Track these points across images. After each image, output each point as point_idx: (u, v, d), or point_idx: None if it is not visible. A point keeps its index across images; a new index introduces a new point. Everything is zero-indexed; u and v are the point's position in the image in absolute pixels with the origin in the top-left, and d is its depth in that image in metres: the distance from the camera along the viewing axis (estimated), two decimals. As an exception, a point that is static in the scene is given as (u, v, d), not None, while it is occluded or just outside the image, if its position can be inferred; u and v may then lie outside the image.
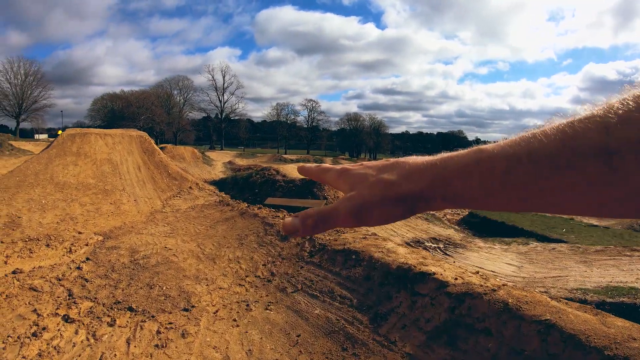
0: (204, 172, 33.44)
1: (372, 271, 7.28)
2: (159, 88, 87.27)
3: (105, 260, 9.71)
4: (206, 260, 9.06)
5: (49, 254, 10.81)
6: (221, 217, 12.65)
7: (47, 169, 16.19)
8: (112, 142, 18.92)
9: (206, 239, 10.62)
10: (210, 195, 16.78)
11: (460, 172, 0.61)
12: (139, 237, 11.32)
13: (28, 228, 12.12)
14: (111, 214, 13.73)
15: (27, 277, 9.05)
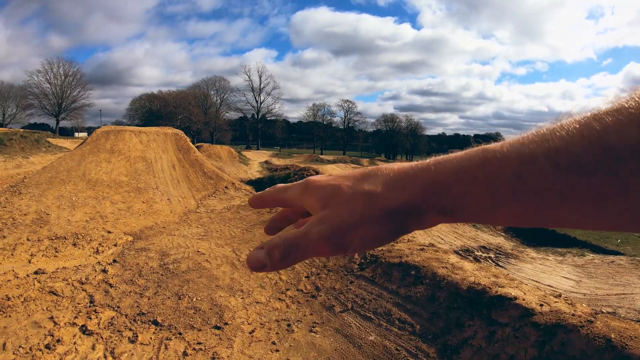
0: (240, 172, 32.80)
1: (437, 291, 6.16)
2: (196, 88, 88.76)
3: (132, 263, 8.93)
4: (242, 268, 8.11)
5: (75, 254, 10.15)
6: (258, 219, 11.73)
7: (80, 165, 15.74)
8: (146, 139, 18.40)
9: (242, 243, 9.70)
10: (247, 195, 15.93)
11: (460, 176, 0.50)
12: (170, 238, 10.52)
13: (56, 226, 11.55)
14: (143, 213, 13.05)
15: (49, 279, 8.36)
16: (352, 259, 7.49)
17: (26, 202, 12.95)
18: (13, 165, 22.02)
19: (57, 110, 70.32)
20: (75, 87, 72.41)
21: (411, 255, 7.13)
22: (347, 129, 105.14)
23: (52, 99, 69.92)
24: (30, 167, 21.25)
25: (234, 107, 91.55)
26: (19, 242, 10.58)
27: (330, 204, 0.58)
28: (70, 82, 71.60)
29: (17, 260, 9.86)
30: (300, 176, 20.39)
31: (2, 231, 11.20)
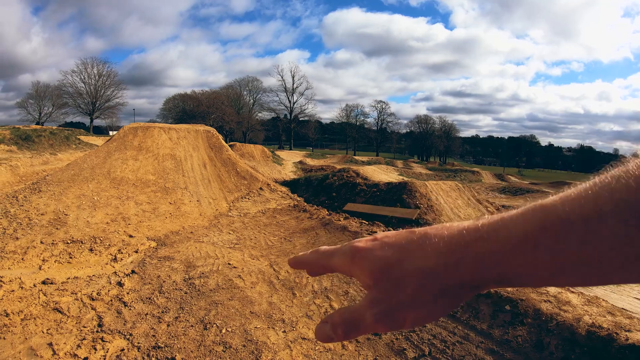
0: (274, 172, 31.60)
1: (545, 336, 4.64)
2: (229, 89, 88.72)
3: (153, 275, 7.67)
4: (282, 289, 6.71)
5: (91, 261, 8.99)
6: (298, 226, 10.34)
7: (105, 163, 14.73)
8: (176, 136, 17.31)
9: (281, 255, 8.30)
10: (283, 197, 14.59)
11: (519, 244, 0.46)
12: (198, 246, 9.25)
13: (73, 227, 10.47)
14: (169, 216, 11.86)
15: (57, 292, 7.20)
16: None
17: (45, 200, 11.96)
18: (40, 162, 21.41)
19: (91, 109, 71.75)
20: (109, 86, 73.89)
21: None
22: (380, 130, 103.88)
23: (86, 98, 71.56)
24: (57, 164, 20.56)
25: (267, 107, 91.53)
26: (31, 244, 9.53)
27: (382, 282, 0.56)
28: (104, 82, 73.11)
29: (27, 265, 8.80)
30: (340, 178, 18.93)
31: (16, 232, 10.20)
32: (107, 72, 73.26)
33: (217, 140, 18.12)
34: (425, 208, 14.84)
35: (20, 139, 24.09)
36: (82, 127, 67.79)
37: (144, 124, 18.30)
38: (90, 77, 71.67)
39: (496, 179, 46.70)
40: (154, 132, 17.02)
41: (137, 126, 17.60)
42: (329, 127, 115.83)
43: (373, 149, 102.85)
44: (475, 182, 38.78)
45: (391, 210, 14.67)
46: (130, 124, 18.46)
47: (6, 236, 10.00)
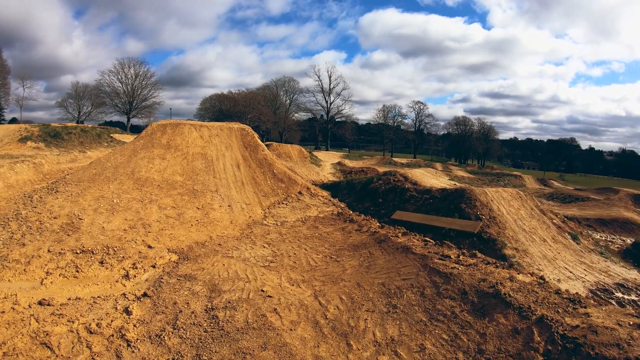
0: (312, 173, 30.03)
1: None
2: (265, 89, 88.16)
3: (169, 300, 6.23)
4: (332, 334, 5.04)
5: (99, 276, 7.68)
6: (345, 240, 8.71)
7: (130, 162, 13.53)
8: (208, 134, 15.97)
9: (328, 282, 6.64)
10: (325, 204, 12.99)
11: None
12: (226, 262, 7.77)
13: (86, 234, 9.22)
14: (196, 223, 10.48)
15: (51, 318, 5.90)
16: (531, 341, 4.23)
17: (60, 202, 10.81)
18: (67, 160, 20.58)
19: (128, 108, 72.54)
20: (146, 86, 74.50)
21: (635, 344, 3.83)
22: (418, 131, 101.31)
23: (123, 97, 72.33)
24: (85, 162, 19.67)
25: (304, 107, 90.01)
26: (37, 253, 8.33)
27: None
28: (140, 82, 73.79)
29: (28, 277, 7.62)
30: (386, 182, 17.18)
31: (24, 237, 9.07)
32: (144, 72, 74.32)
33: (252, 138, 16.71)
34: (488, 220, 12.97)
35: (49, 136, 23.44)
36: (121, 126, 68.63)
37: (174, 121, 17.08)
38: (127, 77, 72.69)
39: (539, 183, 44.33)
40: (184, 130, 15.76)
41: (166, 123, 16.39)
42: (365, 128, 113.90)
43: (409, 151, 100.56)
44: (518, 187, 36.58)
45: (448, 221, 12.87)
46: (160, 121, 17.31)
47: (13, 242, 8.87)
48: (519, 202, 15.94)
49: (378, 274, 6.54)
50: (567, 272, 10.88)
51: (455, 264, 6.31)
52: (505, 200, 15.19)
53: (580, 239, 14.39)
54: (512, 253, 10.72)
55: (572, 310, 4.63)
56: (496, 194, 15.17)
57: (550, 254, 11.76)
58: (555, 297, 5.00)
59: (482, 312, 4.88)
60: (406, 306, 5.33)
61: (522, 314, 4.59)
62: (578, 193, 31.45)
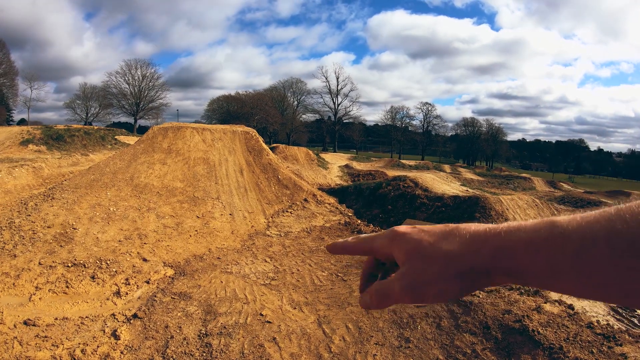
0: (319, 176, 29.48)
1: None
2: (272, 90, 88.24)
3: (161, 323, 5.81)
4: None
5: (90, 293, 7.30)
6: (353, 256, 8.27)
7: (129, 167, 13.16)
8: (211, 138, 15.56)
9: (333, 306, 6.13)
10: (332, 212, 12.51)
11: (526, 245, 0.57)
12: (224, 279, 7.35)
13: (79, 246, 8.85)
14: (195, 234, 10.07)
15: (35, 341, 5.53)
16: None
17: (55, 210, 10.46)
18: (69, 163, 20.29)
19: (135, 109, 73.06)
20: (153, 87, 75.17)
21: None
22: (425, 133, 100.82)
23: (130, 98, 73.04)
24: (87, 165, 19.37)
25: (311, 108, 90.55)
26: (28, 266, 7.99)
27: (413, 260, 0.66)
28: (147, 83, 74.50)
29: (17, 292, 7.27)
30: (395, 187, 16.65)
31: (15, 248, 8.75)
32: (151, 73, 75.04)
33: (256, 142, 16.28)
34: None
35: (51, 139, 23.20)
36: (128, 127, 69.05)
37: (176, 124, 16.70)
38: (135, 79, 73.45)
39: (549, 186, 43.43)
40: (185, 133, 15.37)
41: (167, 126, 16.01)
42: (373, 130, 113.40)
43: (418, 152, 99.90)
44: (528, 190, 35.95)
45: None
46: (162, 124, 16.96)
47: (4, 253, 8.54)
48: (535, 210, 15.42)
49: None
50: None
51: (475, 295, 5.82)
52: (521, 209, 14.67)
53: None
54: None
55: (607, 350, 4.14)
56: (512, 202, 14.64)
57: None
58: (588, 333, 4.49)
59: (508, 351, 4.32)
60: (420, 340, 4.80)
61: (553, 355, 4.07)
62: (589, 197, 30.79)
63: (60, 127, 25.97)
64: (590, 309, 8.95)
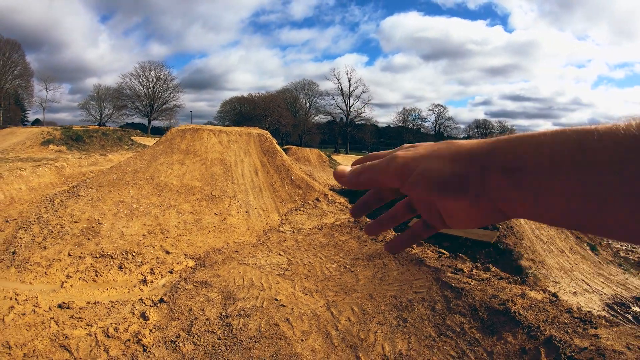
0: (331, 178, 30.22)
1: None
2: (285, 92, 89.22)
3: (185, 307, 6.43)
4: (342, 345, 5.18)
5: (118, 281, 7.94)
6: (360, 250, 8.82)
7: (150, 167, 13.89)
8: (227, 140, 16.27)
9: (341, 292, 6.76)
10: (342, 211, 13.10)
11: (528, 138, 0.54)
12: (241, 270, 7.96)
13: (106, 239, 9.52)
14: (213, 229, 10.71)
15: (70, 321, 6.14)
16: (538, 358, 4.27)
17: (81, 206, 11.16)
18: (88, 163, 21.16)
19: (149, 110, 74.82)
20: (167, 89, 76.87)
21: None
22: (438, 135, 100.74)
23: (144, 100, 74.88)
24: (106, 165, 20.17)
25: (323, 110, 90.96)
26: (58, 257, 8.64)
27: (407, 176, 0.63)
28: (161, 85, 76.20)
29: (49, 280, 7.90)
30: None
31: (45, 240, 9.41)
32: (165, 75, 76.59)
33: (270, 144, 16.95)
34: (505, 229, 12.94)
35: (71, 139, 24.15)
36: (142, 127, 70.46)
37: (193, 126, 17.46)
38: (149, 80, 75.06)
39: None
40: (203, 135, 16.09)
41: (185, 128, 16.77)
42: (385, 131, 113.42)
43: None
44: None
45: (466, 230, 12.91)
46: (179, 126, 17.72)
47: (34, 245, 9.22)
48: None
49: (391, 285, 6.64)
50: (584, 285, 10.89)
51: (467, 278, 6.37)
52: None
53: (599, 249, 14.30)
54: (528, 264, 10.72)
55: (582, 331, 4.66)
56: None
57: (567, 266, 11.72)
58: (566, 317, 5.02)
59: (491, 329, 4.92)
60: (416, 320, 5.41)
61: (530, 333, 4.63)
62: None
63: (79, 128, 26.97)
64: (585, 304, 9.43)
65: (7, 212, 11.42)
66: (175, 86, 77.68)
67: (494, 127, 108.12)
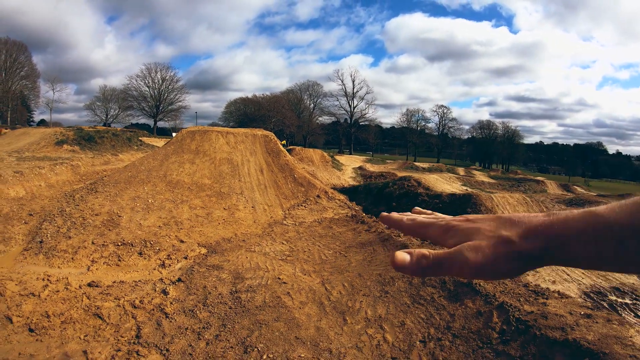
0: (333, 177, 31.18)
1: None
2: (289, 93, 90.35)
3: (200, 285, 7.44)
4: (332, 312, 6.24)
5: (139, 265, 8.95)
6: (355, 239, 9.84)
7: (162, 166, 14.95)
8: (234, 140, 17.36)
9: (334, 272, 7.83)
10: (341, 206, 14.13)
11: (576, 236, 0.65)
12: (248, 256, 8.97)
13: (125, 230, 10.53)
14: (222, 222, 11.73)
15: (100, 295, 7.13)
16: (490, 322, 5.28)
17: (100, 201, 12.19)
18: (101, 162, 22.22)
19: (154, 111, 75.90)
20: (172, 90, 77.91)
21: (578, 329, 4.78)
22: (441, 136, 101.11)
23: (150, 101, 75.85)
24: (118, 164, 21.24)
25: (327, 111, 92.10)
26: (83, 245, 9.65)
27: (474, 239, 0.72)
28: (167, 86, 77.24)
29: (76, 265, 8.90)
30: (400, 187, 18.26)
31: (69, 231, 10.41)
32: (170, 76, 77.57)
33: (275, 145, 18.00)
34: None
35: (84, 140, 25.21)
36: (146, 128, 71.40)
37: (202, 128, 18.53)
38: (154, 82, 76.20)
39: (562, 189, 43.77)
40: (211, 136, 17.14)
41: (195, 130, 17.83)
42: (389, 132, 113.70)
43: (434, 155, 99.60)
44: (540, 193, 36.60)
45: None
46: (188, 128, 18.79)
47: (59, 235, 10.22)
48: (525, 207, 16.83)
49: (377, 266, 7.70)
50: (564, 275, 11.65)
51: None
52: (511, 206, 16.10)
53: None
54: None
55: (533, 300, 5.63)
56: (502, 199, 16.10)
57: None
58: (522, 289, 6.03)
59: (456, 298, 5.96)
60: (396, 292, 6.47)
61: (487, 300, 5.64)
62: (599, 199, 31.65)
63: (91, 129, 28.07)
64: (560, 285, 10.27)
65: (30, 207, 12.38)
66: (181, 87, 78.71)
67: (497, 128, 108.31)
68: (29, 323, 6.13)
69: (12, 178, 13.73)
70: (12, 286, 7.30)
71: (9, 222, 10.87)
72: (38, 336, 5.86)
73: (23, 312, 6.42)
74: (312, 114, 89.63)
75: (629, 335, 4.71)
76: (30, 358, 5.31)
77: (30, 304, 6.71)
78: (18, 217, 11.29)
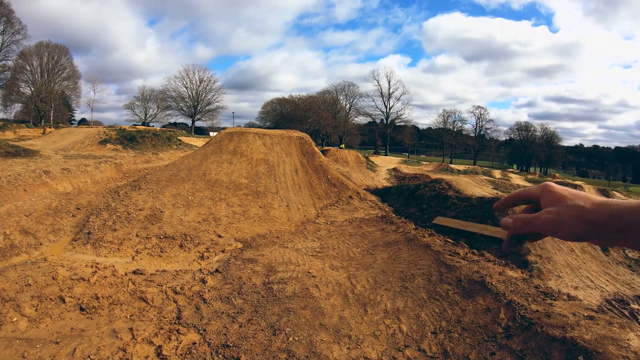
0: (367, 178, 31.61)
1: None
2: (325, 93, 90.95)
3: (235, 275, 8.09)
4: (355, 303, 6.86)
5: (180, 257, 9.69)
6: (382, 239, 10.35)
7: (201, 165, 15.78)
8: (270, 142, 18.08)
9: (360, 269, 8.44)
10: (372, 207, 14.64)
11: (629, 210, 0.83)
12: (281, 251, 9.59)
13: (167, 224, 11.32)
14: (258, 219, 12.41)
15: (144, 282, 7.85)
16: (497, 318, 5.73)
17: (144, 197, 13.05)
18: (142, 160, 23.38)
19: (192, 111, 78.45)
20: (210, 91, 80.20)
21: (578, 328, 5.14)
22: (478, 137, 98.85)
23: (188, 101, 78.43)
24: (158, 163, 22.34)
25: (363, 112, 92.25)
26: (127, 237, 10.46)
27: (556, 204, 0.93)
28: (205, 87, 79.61)
29: (122, 255, 9.69)
30: (432, 189, 18.52)
31: (114, 224, 11.25)
32: (208, 77, 79.79)
33: (309, 146, 18.63)
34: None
35: (126, 139, 26.52)
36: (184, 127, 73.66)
37: (240, 129, 19.35)
38: (192, 83, 78.50)
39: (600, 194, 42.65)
40: (248, 138, 17.90)
41: (232, 131, 18.65)
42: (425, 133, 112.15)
43: (470, 157, 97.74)
44: None
45: (481, 227, 14.03)
46: (226, 129, 19.66)
47: (106, 227, 11.07)
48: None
49: (400, 264, 8.25)
50: (587, 281, 11.68)
51: (461, 259, 7.98)
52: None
53: (610, 250, 14.92)
54: (534, 259, 11.70)
55: (540, 300, 6.03)
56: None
57: (574, 263, 12.60)
58: (532, 290, 6.45)
59: (469, 294, 6.49)
60: (415, 288, 7.06)
61: (497, 298, 6.12)
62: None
63: (132, 129, 29.48)
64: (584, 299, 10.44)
65: (77, 201, 13.33)
66: (218, 88, 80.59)
67: (535, 129, 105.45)
68: (80, 303, 6.85)
69: (60, 174, 14.70)
70: (63, 272, 8.08)
71: (58, 214, 11.75)
72: (88, 315, 6.59)
73: (74, 293, 7.16)
74: (348, 114, 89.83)
75: (626, 338, 5.04)
76: (81, 332, 6.01)
77: (81, 287, 7.44)
78: (66, 210, 12.19)
